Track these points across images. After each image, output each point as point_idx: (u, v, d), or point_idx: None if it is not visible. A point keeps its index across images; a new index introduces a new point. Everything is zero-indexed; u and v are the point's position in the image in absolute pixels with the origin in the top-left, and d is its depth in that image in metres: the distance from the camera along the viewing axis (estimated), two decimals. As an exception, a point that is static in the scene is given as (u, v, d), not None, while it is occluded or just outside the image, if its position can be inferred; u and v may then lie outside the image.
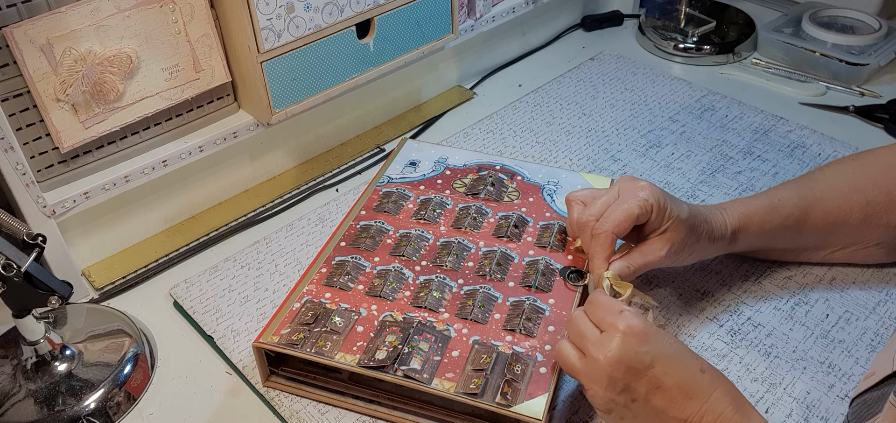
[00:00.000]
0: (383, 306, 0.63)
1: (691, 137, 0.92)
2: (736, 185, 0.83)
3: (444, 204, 0.75)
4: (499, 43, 1.08)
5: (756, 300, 0.69)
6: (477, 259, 0.68)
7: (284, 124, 0.85)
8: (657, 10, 1.19)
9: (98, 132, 0.69)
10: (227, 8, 0.72)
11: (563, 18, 1.18)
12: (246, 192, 0.87)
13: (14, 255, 0.56)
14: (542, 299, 0.63)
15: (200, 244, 0.79)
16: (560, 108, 0.99)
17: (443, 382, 0.56)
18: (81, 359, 0.64)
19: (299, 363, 0.63)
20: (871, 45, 1.01)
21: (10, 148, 0.64)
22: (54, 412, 0.60)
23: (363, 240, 0.70)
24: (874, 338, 0.65)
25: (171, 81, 0.73)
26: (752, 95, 1.00)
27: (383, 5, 0.81)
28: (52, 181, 0.69)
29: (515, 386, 0.56)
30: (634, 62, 1.09)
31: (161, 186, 0.78)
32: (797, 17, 1.09)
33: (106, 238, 0.77)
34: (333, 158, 0.92)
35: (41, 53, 0.63)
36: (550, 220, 0.72)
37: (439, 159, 0.82)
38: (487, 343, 0.59)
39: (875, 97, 0.98)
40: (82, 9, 0.65)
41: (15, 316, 0.59)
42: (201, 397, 0.63)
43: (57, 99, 0.66)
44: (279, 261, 0.76)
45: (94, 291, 0.74)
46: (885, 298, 0.68)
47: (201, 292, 0.72)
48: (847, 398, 0.60)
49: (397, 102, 0.99)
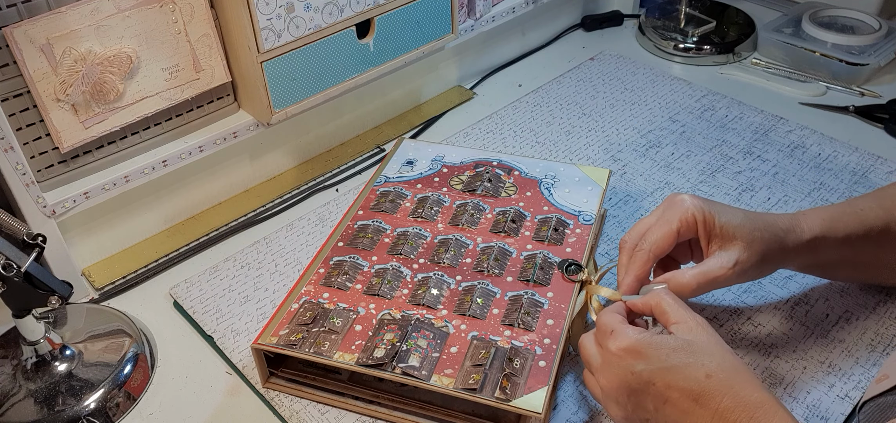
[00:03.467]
0: (381, 305, 0.63)
1: (691, 137, 0.92)
2: (736, 185, 0.83)
3: (442, 202, 0.75)
4: (499, 43, 1.08)
5: (756, 300, 0.69)
6: (475, 255, 0.68)
7: (284, 124, 0.85)
8: (657, 10, 1.19)
9: (98, 132, 0.70)
10: (227, 8, 0.72)
11: (563, 18, 1.18)
12: (246, 192, 0.87)
13: (14, 255, 0.56)
14: (540, 293, 0.63)
15: (200, 244, 0.79)
16: (560, 108, 0.99)
17: (442, 378, 0.56)
18: (81, 359, 0.64)
19: (299, 363, 0.63)
20: (871, 45, 1.01)
21: (10, 148, 0.64)
22: (54, 412, 0.60)
23: (361, 240, 0.70)
24: (874, 338, 0.65)
25: (171, 81, 0.73)
26: (752, 95, 1.00)
27: (383, 5, 0.81)
28: (52, 181, 0.70)
29: (515, 380, 0.56)
30: (634, 62, 1.09)
31: (161, 186, 0.78)
32: (797, 17, 1.09)
33: (106, 238, 0.77)
34: (333, 158, 0.92)
35: (41, 53, 0.64)
36: (548, 213, 0.72)
37: (436, 158, 0.82)
38: (486, 338, 0.59)
39: (875, 97, 0.98)
40: (82, 9, 0.65)
41: (15, 316, 0.59)
42: (201, 397, 0.63)
43: (57, 99, 0.66)
44: (279, 261, 0.76)
45: (94, 291, 0.74)
46: (885, 298, 0.68)
47: (201, 292, 0.72)
48: (848, 398, 0.60)
49: (397, 102, 0.99)
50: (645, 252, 0.58)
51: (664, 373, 0.49)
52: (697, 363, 0.48)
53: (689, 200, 0.59)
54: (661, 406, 0.49)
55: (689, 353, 0.49)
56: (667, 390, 0.48)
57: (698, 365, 0.48)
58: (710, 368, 0.48)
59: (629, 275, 0.58)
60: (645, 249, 0.58)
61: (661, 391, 0.49)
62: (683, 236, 0.59)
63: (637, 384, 0.49)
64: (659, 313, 0.53)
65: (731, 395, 0.47)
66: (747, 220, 0.58)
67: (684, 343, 0.50)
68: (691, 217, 0.58)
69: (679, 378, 0.48)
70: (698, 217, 0.58)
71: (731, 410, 0.47)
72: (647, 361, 0.49)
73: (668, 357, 0.49)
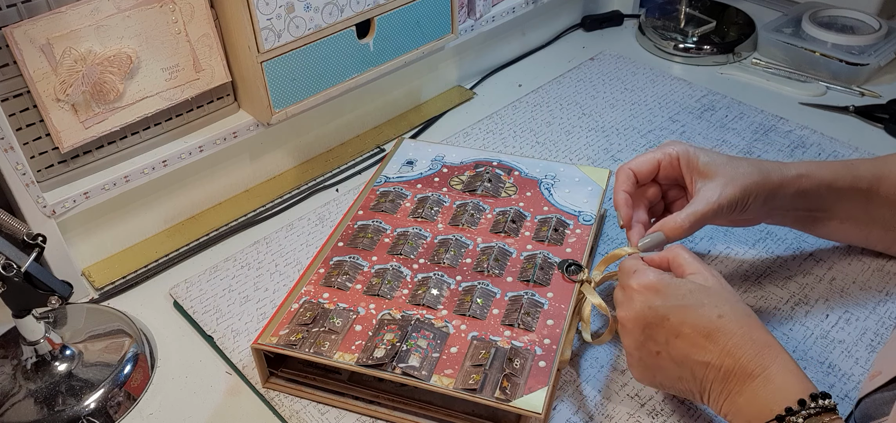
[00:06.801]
0: (381, 305, 0.63)
1: (691, 137, 0.92)
2: (736, 184, 0.83)
3: (442, 202, 0.75)
4: (499, 43, 1.08)
5: (756, 300, 0.69)
6: (475, 255, 0.68)
7: (284, 124, 0.85)
8: (657, 10, 1.19)
9: (98, 132, 0.70)
10: (227, 8, 0.72)
11: (563, 18, 1.18)
12: (246, 192, 0.87)
13: (14, 255, 0.56)
14: (540, 293, 0.63)
15: (200, 244, 0.79)
16: (560, 108, 0.99)
17: (441, 378, 0.56)
18: (81, 359, 0.64)
19: (299, 363, 0.63)
20: (871, 45, 1.01)
21: (10, 148, 0.64)
22: (54, 412, 0.60)
23: (361, 240, 0.70)
24: (874, 338, 0.65)
25: (171, 81, 0.73)
26: (752, 95, 1.00)
27: (383, 5, 0.81)
28: (52, 181, 0.70)
29: (514, 381, 0.56)
30: (634, 62, 1.09)
31: (161, 186, 0.78)
32: (797, 17, 1.09)
33: (106, 238, 0.77)
34: (333, 158, 0.92)
35: (41, 53, 0.64)
36: (548, 214, 0.72)
37: (436, 158, 0.82)
38: (486, 339, 0.59)
39: (875, 97, 0.98)
40: (82, 9, 0.65)
41: (15, 316, 0.59)
42: (201, 397, 0.63)
43: (57, 99, 0.66)
44: (279, 261, 0.76)
45: (94, 291, 0.74)
46: (885, 298, 0.68)
47: (201, 292, 0.72)
48: (847, 398, 0.60)
49: (397, 102, 0.99)
50: (626, 170, 0.66)
51: (679, 310, 0.52)
52: (711, 304, 0.52)
53: (677, 143, 0.66)
54: (673, 340, 0.53)
55: (705, 295, 0.53)
56: (680, 325, 0.52)
57: (712, 306, 0.52)
58: (722, 310, 0.52)
59: (616, 192, 0.66)
60: (626, 167, 0.66)
61: (675, 326, 0.52)
62: (665, 170, 0.66)
63: (653, 318, 0.53)
64: (675, 266, 0.58)
65: (740, 334, 0.51)
66: (731, 160, 0.64)
67: (699, 287, 0.54)
68: (675, 155, 0.65)
69: (693, 316, 0.52)
70: (682, 156, 0.64)
71: (739, 346, 0.50)
72: (664, 297, 0.53)
73: (685, 297, 0.53)
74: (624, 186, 0.65)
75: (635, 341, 0.55)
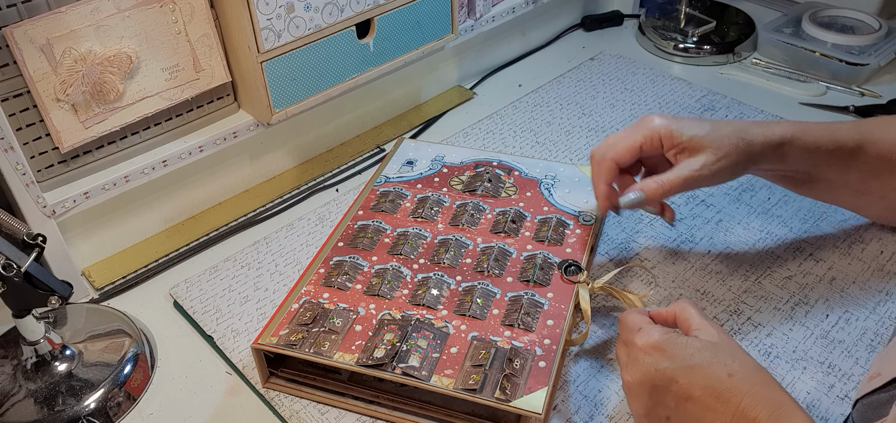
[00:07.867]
0: (381, 305, 0.63)
1: (691, 136, 0.92)
2: (736, 184, 0.83)
3: (442, 202, 0.75)
4: (499, 43, 1.08)
5: (756, 300, 0.69)
6: (475, 256, 0.68)
7: (284, 124, 0.85)
8: (657, 10, 1.19)
9: (98, 132, 0.70)
10: (227, 8, 0.72)
11: (563, 18, 1.18)
12: (246, 192, 0.87)
13: (14, 255, 0.56)
14: (540, 293, 0.63)
15: (200, 244, 0.79)
16: (560, 108, 0.99)
17: (442, 378, 0.56)
18: (81, 359, 0.64)
19: (299, 363, 0.63)
20: (871, 45, 1.01)
21: (10, 148, 0.64)
22: (54, 412, 0.60)
23: (361, 240, 0.70)
24: (874, 338, 0.65)
25: (171, 81, 0.73)
26: (752, 95, 1.00)
27: (383, 5, 0.81)
28: (52, 181, 0.70)
29: (514, 381, 0.56)
30: (634, 62, 1.09)
31: (161, 186, 0.78)
32: (797, 17, 1.09)
33: (106, 238, 0.77)
34: (333, 158, 0.92)
35: (41, 53, 0.64)
36: (548, 214, 0.72)
37: (436, 158, 0.82)
38: (486, 339, 0.59)
39: (875, 97, 0.98)
40: (82, 9, 0.65)
41: (15, 316, 0.59)
42: (201, 397, 0.63)
43: (57, 99, 0.66)
44: (279, 261, 0.76)
45: (94, 291, 0.74)
46: (885, 298, 0.68)
47: (201, 292, 0.72)
48: (847, 399, 0.60)
49: (397, 102, 0.99)
50: (608, 161, 0.64)
51: (688, 371, 0.50)
52: (720, 363, 0.50)
53: (657, 118, 0.64)
54: (683, 403, 0.50)
55: (713, 353, 0.50)
56: (690, 387, 0.49)
57: (721, 365, 0.49)
58: (732, 368, 0.49)
59: (598, 183, 0.65)
60: (608, 157, 0.64)
61: (684, 389, 0.50)
62: (647, 151, 0.64)
63: (660, 381, 0.50)
64: (681, 321, 0.55)
65: (752, 394, 0.48)
66: (714, 129, 0.62)
67: (707, 344, 0.51)
68: (656, 134, 0.63)
69: (702, 377, 0.49)
70: (664, 133, 0.62)
71: (752, 407, 0.48)
72: (671, 358, 0.50)
73: (693, 356, 0.50)
74: (607, 178, 0.64)
75: (644, 406, 0.52)
